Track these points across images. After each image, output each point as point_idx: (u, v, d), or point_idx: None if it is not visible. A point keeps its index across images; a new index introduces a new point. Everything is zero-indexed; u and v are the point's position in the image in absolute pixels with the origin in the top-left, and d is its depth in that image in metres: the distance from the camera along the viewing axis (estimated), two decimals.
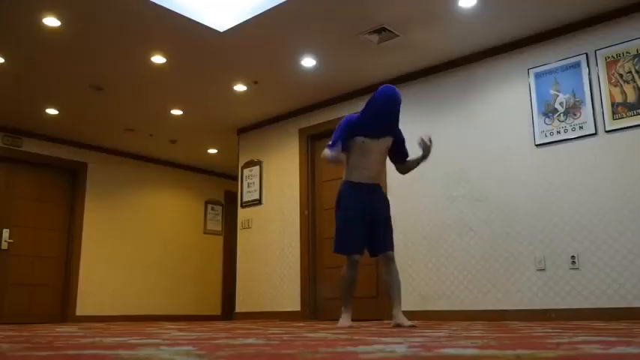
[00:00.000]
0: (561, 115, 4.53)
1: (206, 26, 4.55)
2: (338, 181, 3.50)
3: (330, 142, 3.33)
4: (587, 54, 4.46)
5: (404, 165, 3.63)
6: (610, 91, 4.31)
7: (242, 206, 6.80)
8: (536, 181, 4.58)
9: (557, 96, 4.57)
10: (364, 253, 3.44)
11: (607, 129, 4.28)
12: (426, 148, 3.44)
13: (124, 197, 7.82)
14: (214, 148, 7.86)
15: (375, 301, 5.36)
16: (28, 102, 6.06)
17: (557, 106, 4.56)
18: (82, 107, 6.24)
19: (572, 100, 4.49)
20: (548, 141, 4.56)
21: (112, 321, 6.90)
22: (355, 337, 1.87)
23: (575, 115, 4.46)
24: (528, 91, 4.73)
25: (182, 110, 6.41)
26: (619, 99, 4.27)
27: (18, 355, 1.23)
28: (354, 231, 3.37)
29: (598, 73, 4.39)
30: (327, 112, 6.12)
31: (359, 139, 3.38)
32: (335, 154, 3.28)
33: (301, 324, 4.11)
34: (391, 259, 3.39)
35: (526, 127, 4.70)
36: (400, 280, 3.40)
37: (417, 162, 3.55)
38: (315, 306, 5.85)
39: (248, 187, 6.78)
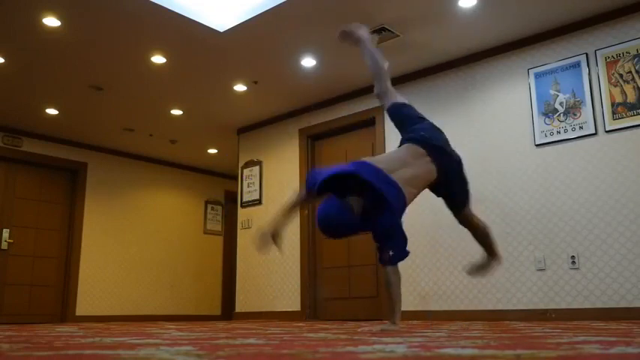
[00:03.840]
0: (561, 115, 4.53)
1: (206, 26, 4.55)
2: None
3: None
4: (587, 54, 4.46)
5: None
6: (610, 91, 4.31)
7: (242, 206, 6.80)
8: (536, 181, 4.58)
9: (557, 96, 4.57)
10: None
11: (607, 129, 4.28)
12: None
13: (124, 197, 7.82)
14: (214, 148, 7.86)
15: (376, 300, 5.35)
16: (28, 102, 6.06)
17: (557, 106, 4.56)
18: (82, 107, 6.24)
19: (572, 100, 4.49)
20: (548, 141, 4.56)
21: (111, 321, 6.89)
22: (355, 337, 1.87)
23: (575, 115, 4.46)
24: (528, 91, 4.73)
25: (182, 110, 6.41)
26: (619, 99, 4.27)
27: (18, 355, 1.23)
28: None
29: (598, 73, 4.39)
30: (327, 112, 6.12)
31: None
32: None
33: (301, 324, 4.11)
34: None
35: (526, 127, 4.70)
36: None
37: None
38: (315, 306, 5.85)
39: (248, 187, 6.78)
